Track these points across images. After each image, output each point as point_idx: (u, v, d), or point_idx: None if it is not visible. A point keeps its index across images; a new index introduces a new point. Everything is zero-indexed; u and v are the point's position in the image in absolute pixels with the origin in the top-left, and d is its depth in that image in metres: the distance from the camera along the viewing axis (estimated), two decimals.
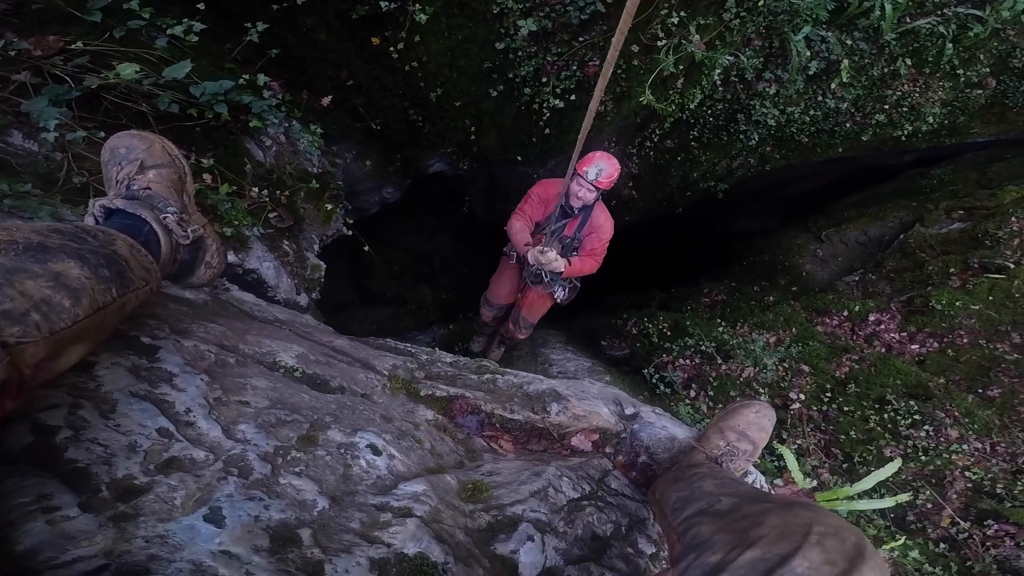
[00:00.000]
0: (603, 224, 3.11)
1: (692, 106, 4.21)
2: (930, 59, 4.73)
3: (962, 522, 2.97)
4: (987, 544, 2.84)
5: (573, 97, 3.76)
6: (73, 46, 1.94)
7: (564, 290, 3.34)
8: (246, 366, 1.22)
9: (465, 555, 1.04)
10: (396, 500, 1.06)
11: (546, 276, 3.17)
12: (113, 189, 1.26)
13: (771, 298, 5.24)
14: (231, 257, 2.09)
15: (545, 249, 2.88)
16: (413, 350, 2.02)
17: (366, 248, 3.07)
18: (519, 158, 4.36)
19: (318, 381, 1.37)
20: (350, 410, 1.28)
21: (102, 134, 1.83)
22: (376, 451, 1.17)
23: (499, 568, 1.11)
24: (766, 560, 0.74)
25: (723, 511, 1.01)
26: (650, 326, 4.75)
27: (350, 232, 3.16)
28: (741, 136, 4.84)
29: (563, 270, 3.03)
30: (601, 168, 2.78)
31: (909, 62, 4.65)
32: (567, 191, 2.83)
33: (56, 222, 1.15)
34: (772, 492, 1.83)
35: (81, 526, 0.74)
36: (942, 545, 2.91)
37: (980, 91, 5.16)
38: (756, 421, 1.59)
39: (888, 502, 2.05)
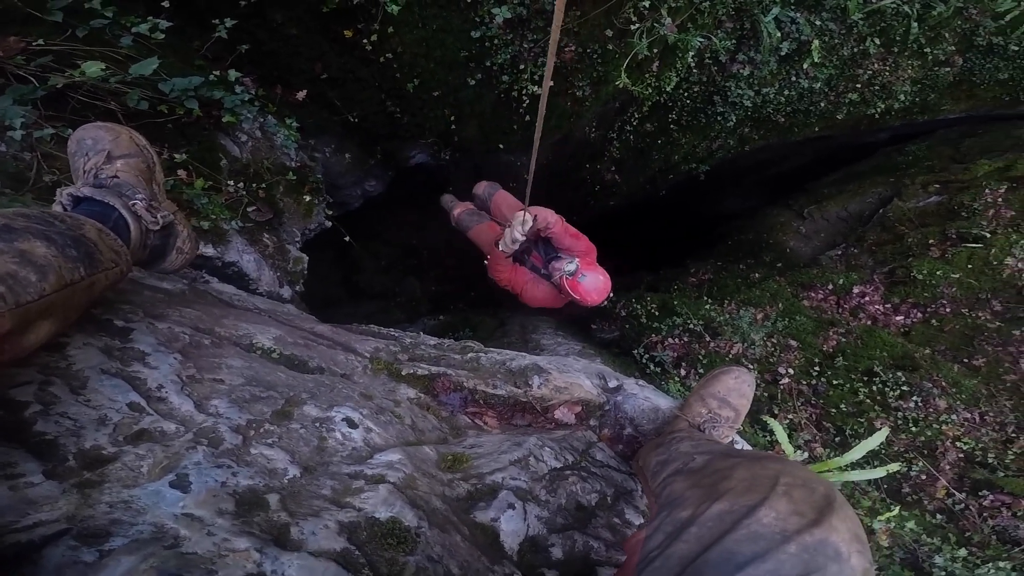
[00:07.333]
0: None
1: (669, 89, 4.23)
2: (897, 38, 4.78)
3: (957, 493, 2.99)
4: (984, 515, 2.85)
5: (551, 83, 3.77)
6: (35, 45, 1.92)
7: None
8: (221, 347, 1.23)
9: (442, 521, 1.04)
10: (370, 468, 1.06)
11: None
12: (81, 179, 1.27)
13: (757, 275, 5.28)
14: (210, 251, 2.08)
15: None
16: (396, 334, 2.03)
17: (347, 239, 3.06)
18: (501, 146, 4.36)
19: (296, 362, 1.38)
20: (328, 388, 1.30)
21: (70, 131, 1.81)
22: (352, 424, 1.18)
23: (480, 536, 1.12)
24: (733, 512, 0.75)
25: (696, 468, 1.02)
26: (639, 307, 4.78)
27: (331, 224, 3.16)
28: (719, 118, 4.87)
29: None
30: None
31: (878, 41, 4.70)
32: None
33: (23, 208, 1.15)
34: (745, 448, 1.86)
35: (44, 492, 0.74)
36: (939, 516, 2.92)
37: (948, 69, 5.22)
38: (736, 387, 1.62)
39: (879, 472, 2.05)
